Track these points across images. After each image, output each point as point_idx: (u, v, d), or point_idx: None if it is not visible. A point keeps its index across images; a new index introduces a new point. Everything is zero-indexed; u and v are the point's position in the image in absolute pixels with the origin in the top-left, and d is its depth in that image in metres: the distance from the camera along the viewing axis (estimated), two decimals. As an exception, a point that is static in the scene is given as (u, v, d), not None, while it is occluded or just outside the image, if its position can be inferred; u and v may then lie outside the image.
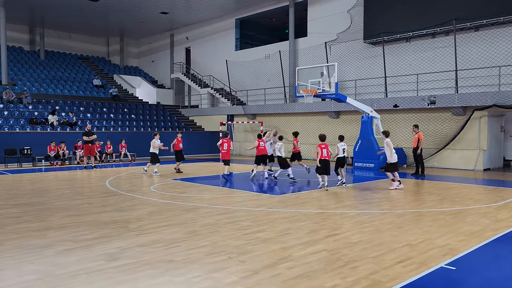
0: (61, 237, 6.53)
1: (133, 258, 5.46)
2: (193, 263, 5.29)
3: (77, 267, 5.13)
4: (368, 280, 4.69)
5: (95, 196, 10.63)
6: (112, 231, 6.94)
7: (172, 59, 34.69)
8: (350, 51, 22.08)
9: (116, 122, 25.07)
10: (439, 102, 17.56)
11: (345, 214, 8.39)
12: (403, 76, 20.05)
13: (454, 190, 11.60)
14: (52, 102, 24.65)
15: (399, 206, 9.28)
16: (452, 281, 4.76)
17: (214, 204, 9.41)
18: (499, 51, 17.21)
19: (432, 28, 18.66)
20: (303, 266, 5.15)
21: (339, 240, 6.39)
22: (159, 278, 4.76)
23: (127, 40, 37.39)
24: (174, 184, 12.97)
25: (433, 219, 7.84)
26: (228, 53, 29.17)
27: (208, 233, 6.81)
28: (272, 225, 7.37)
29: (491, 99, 16.26)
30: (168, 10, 28.21)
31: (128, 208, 8.94)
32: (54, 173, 16.22)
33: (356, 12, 21.59)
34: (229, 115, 27.56)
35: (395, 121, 19.70)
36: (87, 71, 32.11)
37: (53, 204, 9.43)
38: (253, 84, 27.34)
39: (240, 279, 4.72)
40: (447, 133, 17.99)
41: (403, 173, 16.09)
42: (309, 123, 22.91)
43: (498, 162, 18.56)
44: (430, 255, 5.62)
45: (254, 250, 5.83)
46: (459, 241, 6.35)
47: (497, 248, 6.13)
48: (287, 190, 11.84)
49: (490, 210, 8.80)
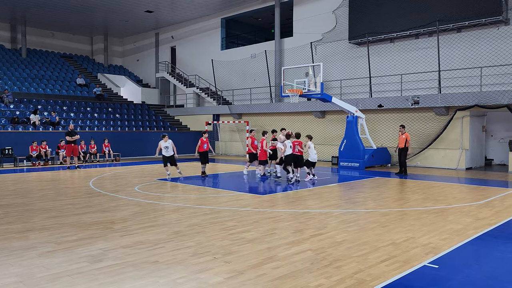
0: (43, 239, 6.42)
1: (117, 260, 5.40)
2: (178, 264, 5.26)
3: (59, 269, 5.04)
4: (352, 279, 4.73)
5: (79, 196, 10.49)
6: (95, 232, 6.85)
7: (157, 58, 34.42)
8: (335, 51, 22.23)
9: (100, 122, 24.77)
10: (423, 102, 17.80)
11: (330, 213, 8.44)
12: (387, 76, 20.27)
13: (437, 189, 11.77)
14: (34, 101, 24.23)
15: (384, 205, 9.37)
16: (435, 279, 4.82)
17: (200, 205, 9.37)
18: (481, 52, 17.53)
19: (416, 29, 18.91)
20: (288, 266, 5.16)
21: (324, 239, 6.42)
22: (143, 280, 4.72)
23: (112, 38, 36.96)
24: (159, 184, 12.88)
25: (417, 218, 7.95)
26: (213, 53, 29.08)
27: (193, 233, 6.78)
28: (258, 225, 7.37)
29: (473, 100, 16.55)
30: (153, 9, 27.98)
31: (112, 209, 8.84)
32: (37, 174, 15.94)
33: (341, 12, 21.74)
34: (215, 115, 27.48)
35: (379, 121, 19.92)
36: (70, 69, 31.63)
37: (35, 205, 9.26)
38: (239, 84, 27.32)
39: (225, 280, 4.71)
40: (430, 133, 18.26)
41: (388, 172, 16.28)
42: (295, 123, 22.99)
43: (480, 161, 18.90)
44: (413, 254, 5.69)
45: (239, 251, 5.82)
46: (442, 239, 6.44)
47: (479, 246, 6.24)
48: (273, 190, 11.86)
49: (472, 208, 8.96)
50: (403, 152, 15.36)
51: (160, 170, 16.22)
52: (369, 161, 17.99)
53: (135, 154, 23.63)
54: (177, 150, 14.71)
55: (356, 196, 10.69)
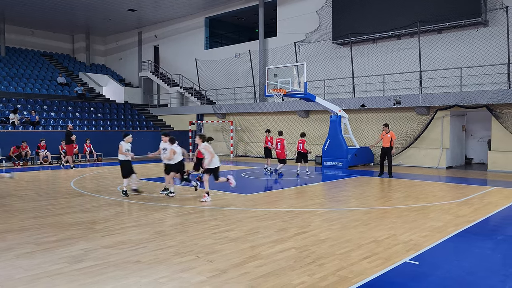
0: (21, 240, 6.28)
1: (98, 260, 5.32)
2: (160, 263, 5.21)
3: (38, 270, 4.94)
4: (335, 277, 4.76)
5: (59, 197, 10.30)
6: (76, 232, 6.74)
7: (140, 57, 34.08)
8: (319, 51, 22.37)
9: (82, 122, 24.39)
10: (404, 102, 18.05)
11: (314, 212, 8.49)
12: (370, 76, 20.48)
13: (419, 188, 11.94)
14: (13, 100, 23.72)
15: (366, 203, 9.46)
16: (416, 275, 4.89)
17: (183, 204, 9.31)
18: (461, 53, 17.85)
19: (398, 30, 19.16)
20: (271, 264, 5.17)
21: (308, 237, 6.45)
22: (125, 279, 4.66)
23: (93, 37, 36.44)
24: (141, 184, 12.74)
25: (398, 216, 8.05)
26: (197, 52, 28.94)
27: (176, 233, 6.73)
28: (241, 224, 7.36)
29: (453, 99, 16.85)
30: (135, 7, 27.70)
31: (94, 209, 8.71)
32: (16, 174, 15.59)
33: (324, 13, 21.89)
34: (199, 114, 27.34)
35: (362, 121, 20.11)
36: (50, 68, 31.07)
37: (14, 206, 9.07)
38: (223, 83, 27.25)
39: (208, 279, 4.69)
40: (412, 132, 18.51)
41: (370, 172, 16.45)
42: (279, 123, 23.04)
43: (460, 160, 19.25)
44: (395, 251, 5.76)
45: (222, 250, 5.80)
46: (423, 236, 6.53)
47: (458, 242, 6.35)
48: (256, 190, 11.86)
49: (452, 206, 9.11)
50: (389, 151, 14.63)
51: (143, 169, 16.03)
52: (352, 160, 18.15)
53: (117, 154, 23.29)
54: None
55: (339, 195, 10.77)
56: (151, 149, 14.79)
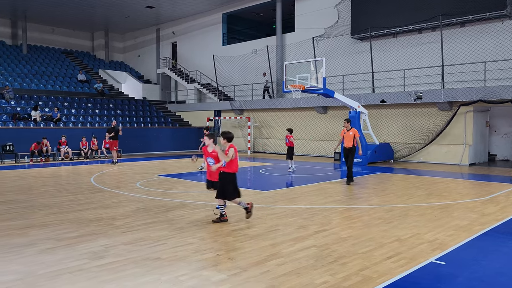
0: (43, 236, 6.34)
1: (118, 257, 5.31)
2: (180, 260, 5.17)
3: (59, 266, 4.96)
4: (358, 276, 4.64)
5: (80, 193, 10.41)
6: (97, 228, 6.77)
7: (158, 54, 34.28)
8: (338, 47, 22.07)
9: (102, 118, 24.67)
10: (426, 97, 17.66)
11: (334, 209, 8.35)
12: (390, 71, 20.11)
13: (441, 185, 11.66)
14: (35, 97, 24.14)
15: (388, 201, 9.27)
16: (442, 276, 4.72)
17: (202, 201, 9.28)
18: (485, 46, 17.36)
19: (419, 23, 18.73)
20: (293, 263, 5.07)
21: (328, 236, 6.32)
22: (145, 277, 4.63)
23: (112, 34, 36.81)
24: (161, 180, 12.79)
25: (421, 214, 7.85)
26: (215, 48, 28.92)
27: (195, 230, 6.69)
28: (261, 221, 7.28)
29: (476, 95, 16.40)
30: (153, 4, 27.83)
31: (114, 205, 8.76)
32: (38, 170, 15.87)
33: (343, 7, 21.57)
34: (216, 111, 27.37)
35: (382, 117, 19.78)
36: (71, 65, 31.52)
37: (36, 202, 9.19)
38: (241, 80, 27.18)
39: (229, 277, 4.62)
40: (433, 128, 18.12)
41: (390, 168, 16.16)
42: (296, 119, 22.86)
43: (483, 157, 18.78)
44: (419, 250, 5.59)
45: (242, 247, 5.73)
46: (448, 235, 6.34)
47: (486, 242, 6.14)
48: (275, 186, 11.76)
49: (477, 204, 8.85)
50: (351, 153, 11.85)
51: (161, 166, 16.10)
52: (372, 157, 17.88)
53: (136, 150, 23.53)
54: (178, 145, 14.31)
55: (359, 192, 10.59)
56: (169, 144, 14.83)
